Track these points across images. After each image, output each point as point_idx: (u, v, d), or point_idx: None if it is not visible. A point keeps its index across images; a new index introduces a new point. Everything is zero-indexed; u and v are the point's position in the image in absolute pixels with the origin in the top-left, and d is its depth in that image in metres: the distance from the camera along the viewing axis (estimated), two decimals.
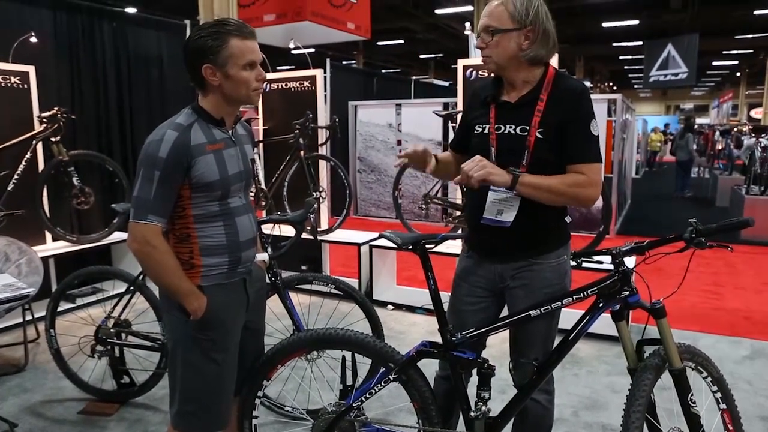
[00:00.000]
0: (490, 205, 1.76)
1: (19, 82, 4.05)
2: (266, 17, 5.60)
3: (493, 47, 1.70)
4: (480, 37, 1.73)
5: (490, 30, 1.69)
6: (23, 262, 3.37)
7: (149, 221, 1.57)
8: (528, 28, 1.67)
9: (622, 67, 29.39)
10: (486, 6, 1.73)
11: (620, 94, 7.50)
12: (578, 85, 1.75)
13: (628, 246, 1.71)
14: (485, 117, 1.81)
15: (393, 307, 4.42)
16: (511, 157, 1.73)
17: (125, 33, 4.91)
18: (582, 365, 3.33)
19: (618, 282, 1.69)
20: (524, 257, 1.79)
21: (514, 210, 1.74)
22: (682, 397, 1.70)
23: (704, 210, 9.76)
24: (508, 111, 1.77)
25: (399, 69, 28.42)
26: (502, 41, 1.69)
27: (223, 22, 1.61)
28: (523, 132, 1.72)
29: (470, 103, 1.94)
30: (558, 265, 1.81)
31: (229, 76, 1.60)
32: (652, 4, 15.45)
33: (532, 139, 1.71)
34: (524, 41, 1.68)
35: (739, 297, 4.73)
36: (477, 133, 1.83)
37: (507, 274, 1.82)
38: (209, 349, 1.69)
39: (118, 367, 2.85)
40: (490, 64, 1.75)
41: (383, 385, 1.81)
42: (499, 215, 1.75)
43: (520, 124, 1.73)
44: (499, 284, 1.85)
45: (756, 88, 29.59)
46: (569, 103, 1.71)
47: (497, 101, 1.80)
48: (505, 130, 1.76)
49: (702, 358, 1.81)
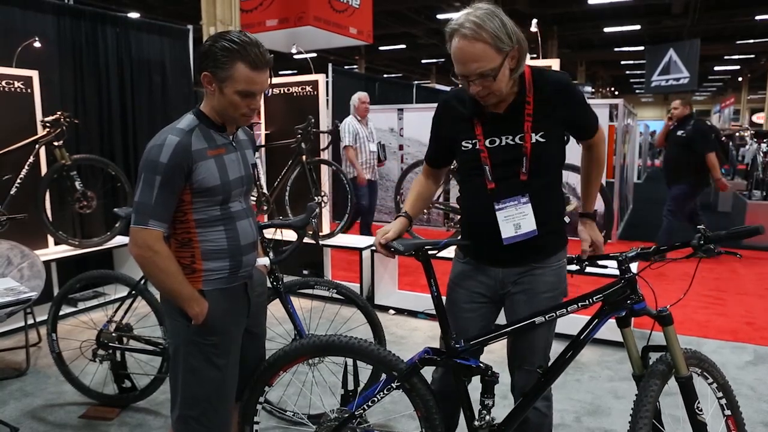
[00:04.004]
0: (503, 223, 1.71)
1: (22, 86, 4.07)
2: (268, 22, 5.63)
3: (491, 85, 1.60)
4: (473, 83, 1.59)
5: (487, 74, 1.57)
6: (25, 266, 3.37)
7: (150, 226, 1.57)
8: (514, 49, 1.59)
9: (624, 72, 29.43)
10: (458, 49, 1.57)
11: (622, 99, 7.50)
12: (561, 78, 1.74)
13: (634, 251, 1.69)
14: (470, 132, 1.74)
15: (394, 312, 4.41)
16: (509, 168, 1.71)
17: (128, 38, 4.93)
18: (584, 371, 3.31)
19: (624, 289, 1.68)
20: (527, 262, 1.78)
21: (531, 216, 1.71)
22: (689, 404, 1.68)
23: (706, 215, 9.71)
24: (499, 122, 1.72)
25: (401, 74, 28.49)
26: (499, 76, 1.59)
27: (245, 42, 1.55)
28: (520, 140, 1.70)
29: (443, 116, 1.85)
30: (559, 268, 1.81)
31: (223, 93, 1.59)
32: (653, 9, 15.47)
33: (528, 145, 1.69)
34: (512, 62, 1.61)
35: (741, 302, 4.71)
36: (466, 150, 1.76)
37: (508, 280, 1.80)
38: (211, 353, 1.69)
39: (119, 372, 2.85)
40: (489, 98, 1.64)
41: (386, 393, 1.79)
42: (519, 229, 1.71)
43: (517, 133, 1.70)
44: (499, 290, 1.83)
45: (758, 93, 29.60)
46: (563, 99, 1.70)
47: (483, 114, 1.73)
48: (501, 143, 1.72)
49: (708, 364, 1.81)
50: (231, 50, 1.54)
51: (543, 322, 1.69)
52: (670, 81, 14.78)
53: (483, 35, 1.53)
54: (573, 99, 1.73)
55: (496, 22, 1.54)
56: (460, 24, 1.55)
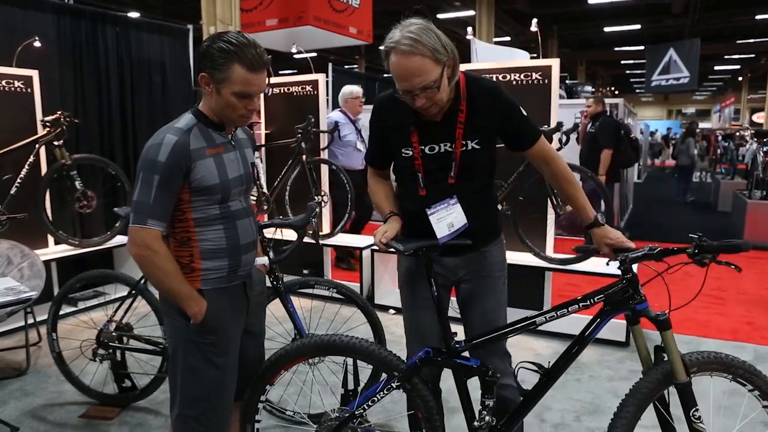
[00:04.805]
0: (437, 225, 1.77)
1: (22, 86, 4.07)
2: (268, 22, 5.64)
3: (434, 95, 1.63)
4: (417, 96, 1.62)
5: (430, 86, 1.60)
6: (25, 265, 3.37)
7: (149, 225, 1.57)
8: (449, 58, 1.62)
9: (624, 72, 29.46)
10: (397, 65, 1.60)
11: (622, 99, 7.51)
12: (490, 85, 1.78)
13: (641, 252, 1.64)
14: (407, 139, 1.78)
15: (395, 311, 4.41)
16: (439, 174, 1.78)
17: (128, 37, 4.93)
18: (584, 370, 3.31)
19: (626, 289, 1.65)
20: (477, 248, 1.85)
21: (460, 213, 1.78)
22: (686, 411, 1.64)
23: (706, 215, 9.74)
24: (434, 130, 1.75)
25: None
26: (441, 86, 1.62)
27: (242, 44, 1.54)
28: (452, 147, 1.75)
29: (382, 121, 1.86)
30: (501, 245, 1.94)
31: (221, 94, 1.59)
32: (653, 9, 15.49)
33: (458, 151, 1.75)
34: (449, 71, 1.64)
35: (741, 302, 4.71)
36: (406, 157, 1.80)
37: (460, 266, 1.87)
38: (210, 353, 1.69)
39: (119, 371, 2.85)
40: (433, 109, 1.68)
41: (386, 393, 1.79)
42: (452, 227, 1.77)
43: (451, 141, 1.75)
44: (452, 278, 1.90)
45: (758, 92, 29.61)
46: (493, 106, 1.75)
47: (419, 122, 1.75)
48: (440, 149, 1.76)
49: (743, 370, 1.69)
50: (228, 51, 1.54)
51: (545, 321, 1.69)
52: (671, 80, 14.78)
53: (421, 49, 1.57)
54: (500, 104, 1.76)
55: (431, 35, 1.58)
56: (397, 41, 1.58)
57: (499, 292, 1.90)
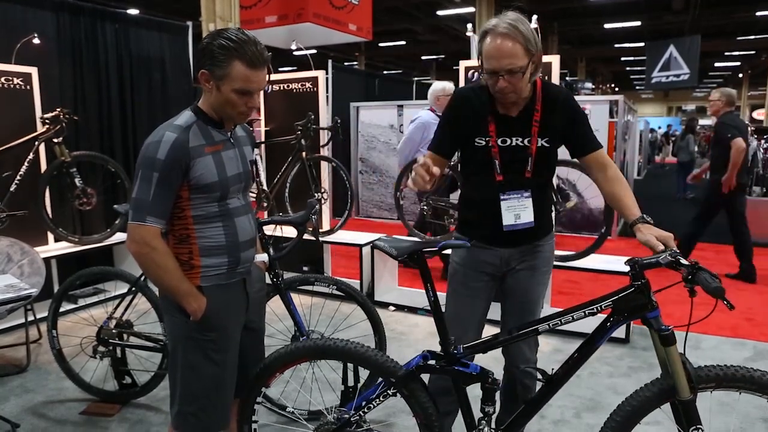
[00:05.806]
0: (506, 212, 1.88)
1: (21, 83, 4.07)
2: (268, 18, 5.62)
3: (517, 83, 1.75)
4: (502, 77, 1.74)
5: (516, 70, 1.72)
6: (25, 262, 3.37)
7: (148, 223, 1.57)
8: (536, 55, 1.75)
9: (624, 69, 29.40)
10: (492, 46, 1.73)
11: (622, 96, 7.47)
12: (564, 91, 1.94)
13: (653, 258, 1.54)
14: (484, 130, 1.89)
15: (394, 308, 4.42)
16: (515, 167, 1.89)
17: (127, 34, 4.92)
18: (584, 367, 3.29)
19: (635, 295, 1.56)
20: (530, 241, 1.97)
21: (530, 209, 1.89)
22: (686, 428, 1.55)
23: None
24: (510, 124, 1.88)
25: (401, 70, 28.45)
26: (525, 75, 1.75)
27: (242, 41, 1.54)
28: (528, 143, 1.87)
29: (460, 110, 1.95)
30: (553, 242, 2.07)
31: (221, 91, 1.59)
32: (654, 5, 15.45)
33: (534, 147, 1.87)
34: (532, 67, 1.76)
35: (741, 298, 4.71)
36: (479, 146, 1.90)
37: (514, 258, 1.97)
38: (209, 349, 1.69)
39: (119, 368, 2.86)
40: (510, 95, 1.79)
41: (382, 399, 1.76)
42: (519, 219, 1.89)
43: (525, 136, 1.87)
44: (503, 268, 1.99)
45: (758, 89, 29.56)
46: (565, 109, 1.88)
47: (496, 115, 1.88)
48: (512, 143, 1.88)
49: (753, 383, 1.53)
50: (228, 48, 1.53)
51: (547, 330, 1.69)
52: (671, 77, 14.73)
53: (516, 35, 1.71)
54: (572, 109, 1.90)
55: (527, 27, 1.74)
56: (495, 25, 1.73)
57: (543, 286, 2.04)
